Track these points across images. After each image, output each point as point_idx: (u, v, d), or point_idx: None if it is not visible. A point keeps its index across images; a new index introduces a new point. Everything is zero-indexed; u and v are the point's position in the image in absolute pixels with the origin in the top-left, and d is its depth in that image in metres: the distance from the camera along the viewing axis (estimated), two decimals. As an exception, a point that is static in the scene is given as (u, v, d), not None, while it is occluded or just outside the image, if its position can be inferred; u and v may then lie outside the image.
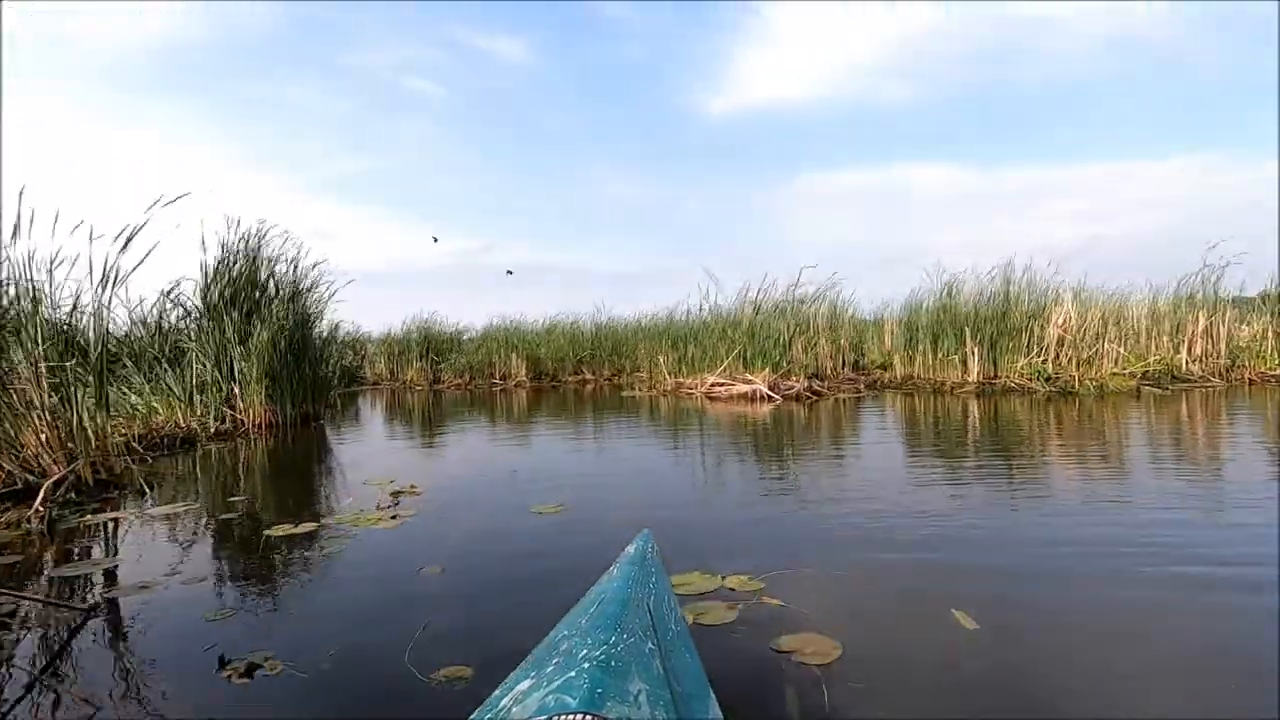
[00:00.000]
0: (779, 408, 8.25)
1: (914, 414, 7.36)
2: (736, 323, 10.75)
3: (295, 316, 7.82)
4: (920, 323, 10.62)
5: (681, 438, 6.15)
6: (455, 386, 14.41)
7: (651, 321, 15.64)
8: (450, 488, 3.90)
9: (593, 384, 14.43)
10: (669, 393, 10.64)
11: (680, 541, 2.59)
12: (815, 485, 3.80)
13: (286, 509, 3.45)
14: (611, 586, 1.20)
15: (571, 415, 8.41)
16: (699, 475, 4.32)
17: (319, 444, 6.38)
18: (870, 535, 2.75)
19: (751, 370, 9.77)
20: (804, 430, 6.34)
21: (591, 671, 0.83)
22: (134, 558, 2.67)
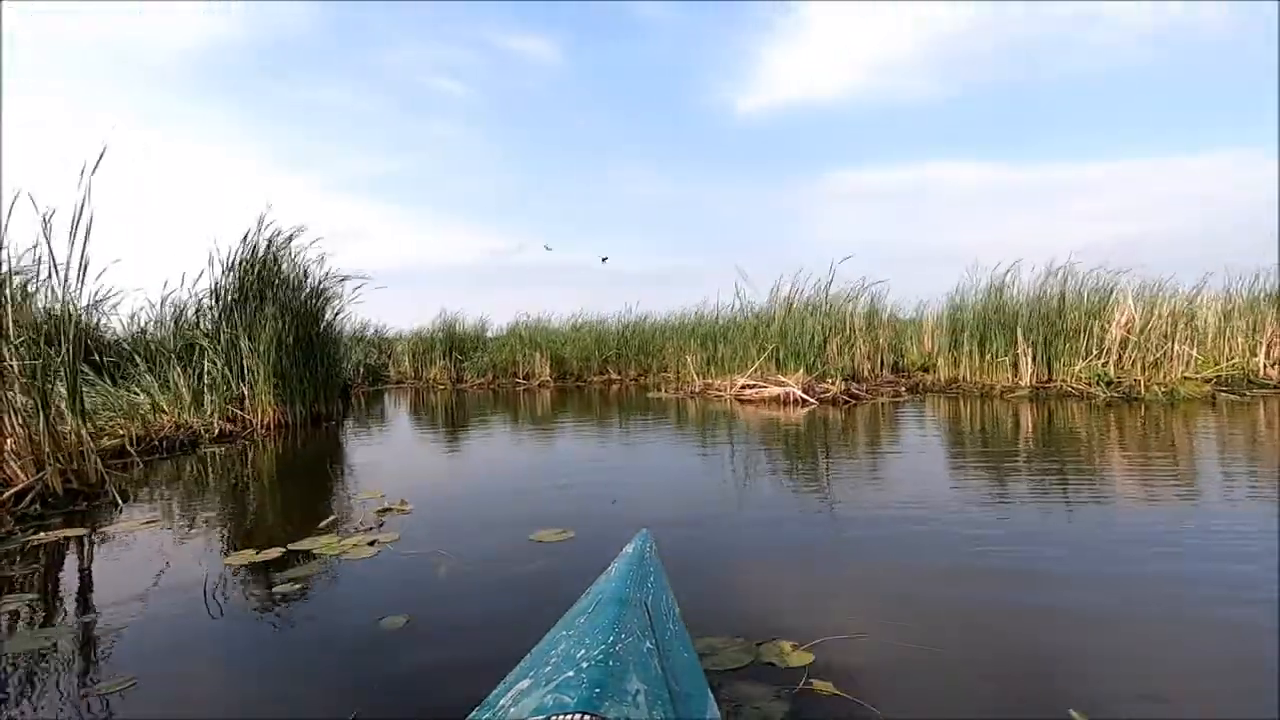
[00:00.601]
0: (814, 412, 7.70)
1: (964, 421, 6.75)
2: (768, 321, 10.20)
3: (307, 312, 7.53)
4: (966, 322, 9.93)
5: (710, 445, 5.66)
6: (478, 386, 14.10)
7: (679, 320, 15.18)
8: (445, 505, 3.47)
9: (618, 384, 13.99)
10: (697, 394, 10.14)
11: (709, 584, 2.12)
12: (862, 507, 3.28)
13: (258, 529, 3.06)
14: (609, 586, 1.18)
15: (595, 418, 7.98)
16: (728, 495, 3.83)
17: (325, 448, 6.03)
18: (935, 572, 2.24)
19: (784, 371, 9.22)
20: (843, 439, 5.80)
21: (590, 671, 0.83)
22: (50, 591, 2.29)
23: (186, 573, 2.40)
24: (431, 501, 3.53)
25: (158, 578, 2.36)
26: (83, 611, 2.07)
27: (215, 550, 2.66)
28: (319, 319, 7.86)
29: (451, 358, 14.97)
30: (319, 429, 7.09)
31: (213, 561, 2.51)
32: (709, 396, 9.79)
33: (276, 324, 6.97)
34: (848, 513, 3.19)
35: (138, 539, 2.88)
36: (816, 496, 3.62)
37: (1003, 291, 9.71)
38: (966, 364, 9.83)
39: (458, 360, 14.94)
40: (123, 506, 3.50)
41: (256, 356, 6.84)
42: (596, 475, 4.34)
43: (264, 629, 1.92)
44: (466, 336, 15.69)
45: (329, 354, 7.90)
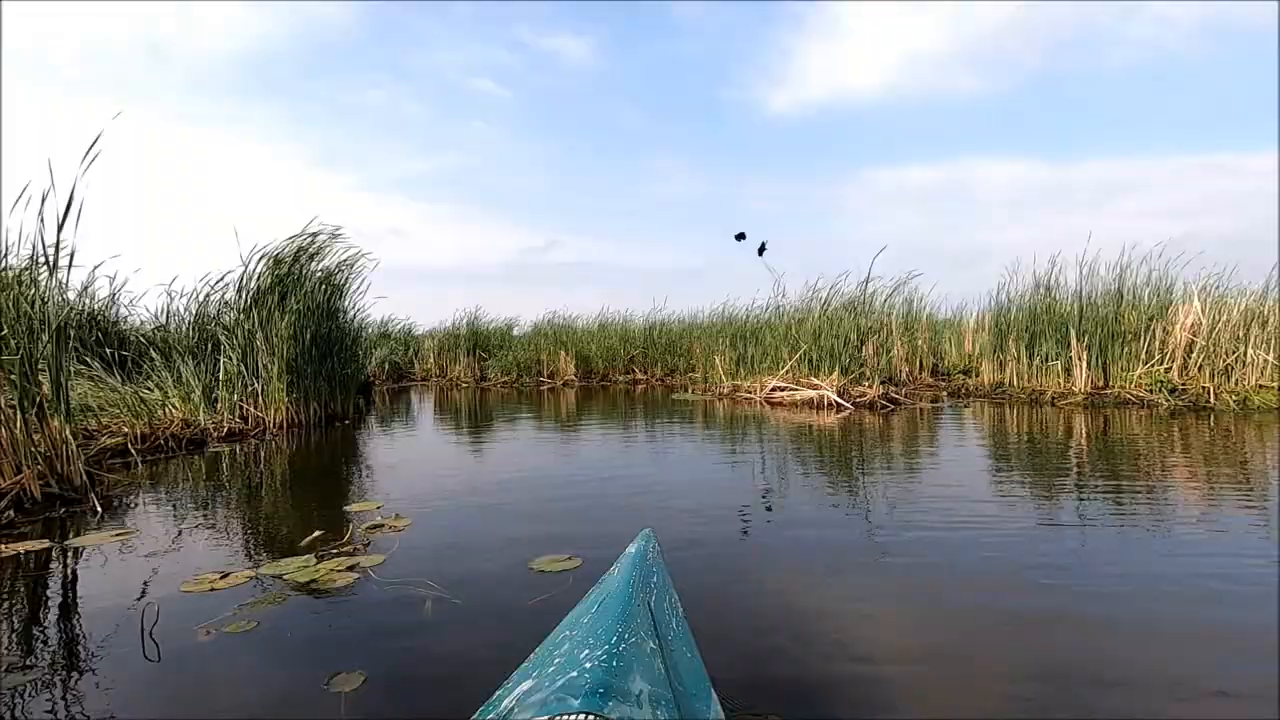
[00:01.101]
0: (849, 418, 7.24)
1: (1013, 430, 6.23)
2: (801, 321, 9.73)
3: (324, 308, 7.32)
4: (1013, 323, 9.33)
5: (738, 453, 5.27)
6: (501, 385, 13.87)
7: (708, 319, 14.78)
8: (445, 520, 3.14)
9: (644, 384, 13.64)
10: (725, 396, 9.73)
11: (741, 646, 1.75)
12: (904, 526, 2.87)
13: (232, 546, 2.76)
14: (613, 586, 1.17)
15: (618, 420, 7.63)
16: (758, 512, 3.44)
17: (335, 450, 5.79)
18: (987, 615, 1.83)
19: (818, 374, 8.75)
20: (882, 447, 5.35)
21: (593, 671, 0.83)
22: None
23: (128, 604, 2.10)
24: (431, 515, 3.21)
25: (96, 608, 2.07)
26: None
27: (176, 573, 2.36)
28: (337, 315, 7.65)
29: (475, 355, 14.76)
30: (333, 429, 6.86)
31: (167, 588, 2.21)
32: (737, 399, 9.37)
33: (293, 319, 6.76)
34: (887, 536, 2.78)
35: (100, 555, 2.61)
36: (854, 516, 3.21)
37: (1052, 290, 9.11)
38: (1013, 368, 9.24)
39: (481, 358, 14.73)
40: (102, 514, 3.25)
41: (270, 353, 6.64)
42: (614, 485, 3.98)
43: (183, 688, 1.59)
44: (491, 334, 15.49)
45: (346, 351, 7.69)
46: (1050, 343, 8.75)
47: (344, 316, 7.79)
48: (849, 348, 8.52)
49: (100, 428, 5.16)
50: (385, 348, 15.86)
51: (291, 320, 6.72)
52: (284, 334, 6.63)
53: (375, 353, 15.31)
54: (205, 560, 2.51)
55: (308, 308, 7.05)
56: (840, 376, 8.28)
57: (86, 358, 6.67)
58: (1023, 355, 9.09)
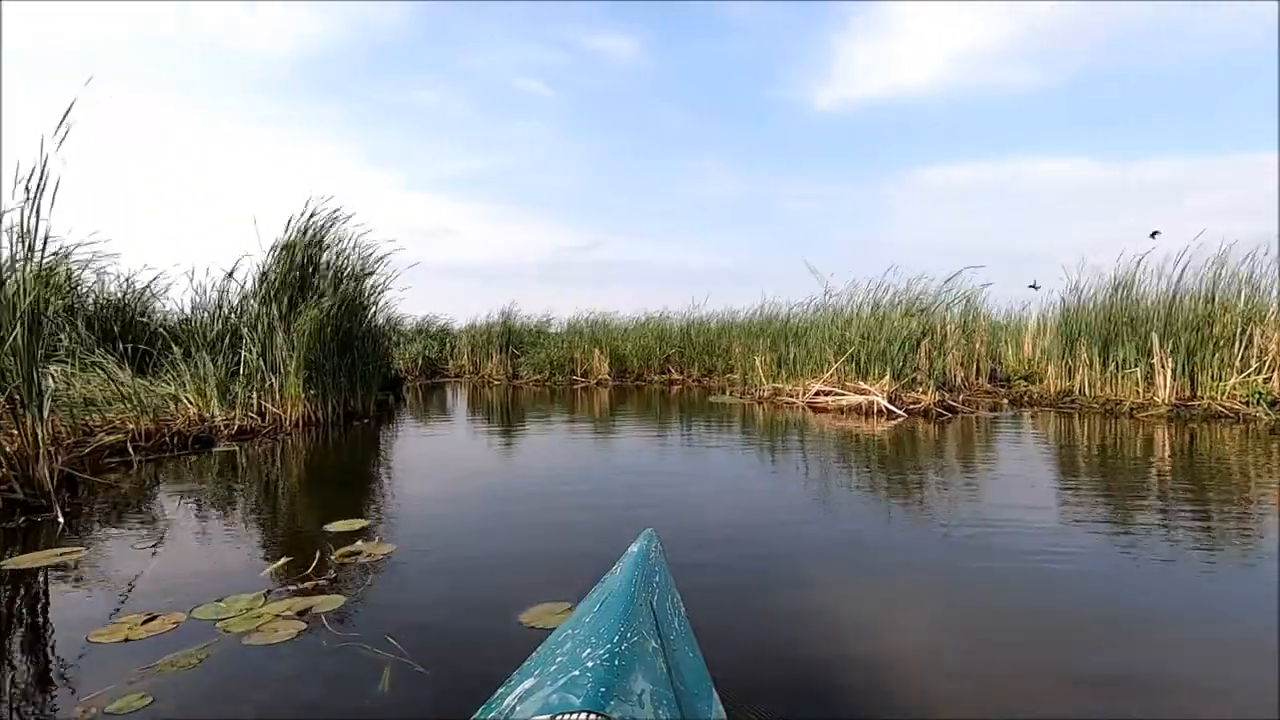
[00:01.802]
0: (901, 426, 6.60)
1: (1089, 444, 5.53)
2: (849, 320, 9.09)
3: (346, 303, 7.02)
4: (1086, 325, 8.51)
5: (780, 466, 4.74)
6: (534, 383, 13.53)
7: (747, 318, 14.18)
8: (436, 546, 2.70)
9: (680, 385, 13.12)
10: (765, 400, 9.15)
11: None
12: (974, 560, 2.32)
13: (182, 574, 2.35)
14: (615, 585, 1.16)
15: (652, 423, 7.15)
16: (800, 535, 2.92)
17: (345, 452, 5.45)
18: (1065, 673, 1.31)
19: (867, 378, 8.11)
20: (940, 462, 4.74)
21: (595, 670, 0.82)
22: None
23: (12, 658, 1.70)
24: (423, 538, 2.78)
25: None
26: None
27: (98, 612, 1.97)
28: (362, 310, 7.34)
29: (508, 352, 14.45)
30: (351, 428, 6.55)
31: (74, 635, 1.81)
32: (778, 403, 8.79)
33: (315, 313, 6.47)
34: (945, 567, 2.25)
35: (25, 584, 2.24)
36: (908, 542, 2.66)
37: (1131, 289, 8.26)
38: (1085, 374, 8.42)
39: (514, 355, 14.41)
40: (64, 526, 2.91)
41: (289, 347, 6.36)
42: (641, 500, 3.50)
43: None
44: (526, 331, 15.18)
45: (368, 347, 7.38)
46: (1127, 347, 7.92)
47: (366, 310, 7.48)
48: (902, 350, 7.84)
49: (103, 424, 4.92)
50: (420, 343, 15.71)
51: (313, 314, 6.42)
52: (302, 328, 6.33)
53: (410, 348, 15.17)
54: (142, 594, 2.11)
55: (334, 299, 6.76)
56: (891, 381, 7.63)
57: (104, 350, 6.50)
58: (1095, 361, 8.28)
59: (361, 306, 7.30)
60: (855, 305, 9.55)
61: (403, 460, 5.08)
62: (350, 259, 7.19)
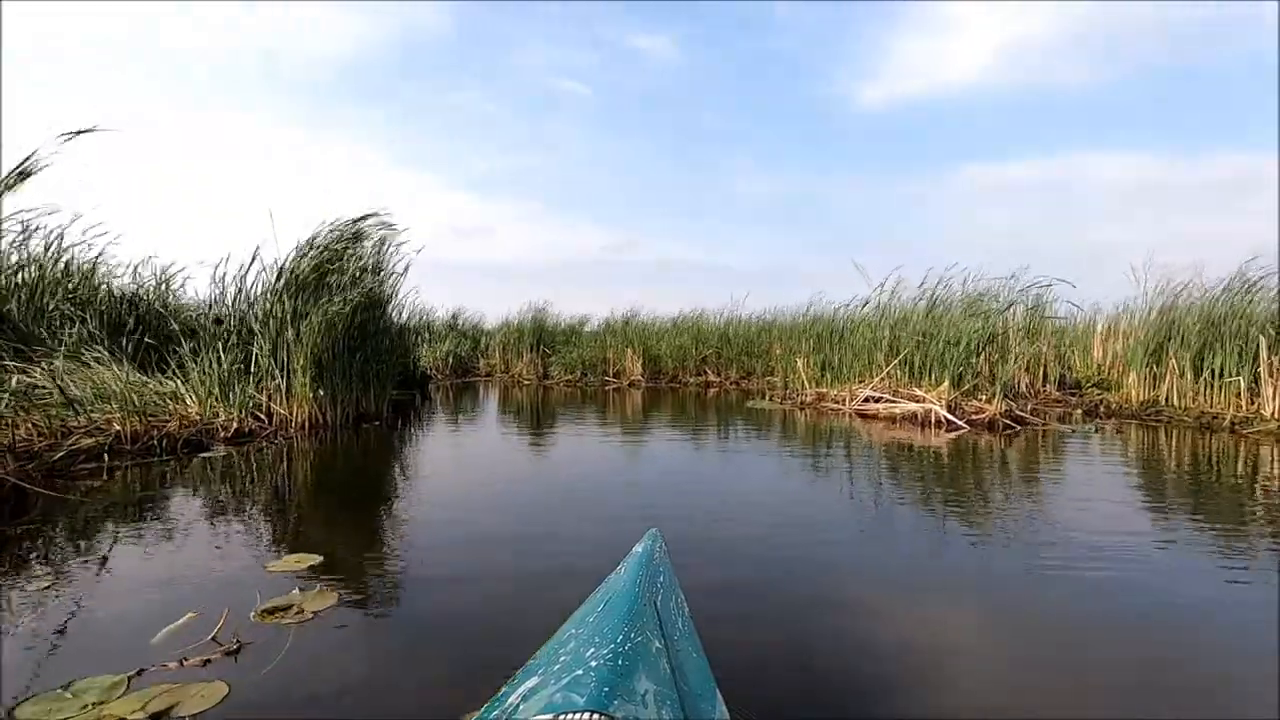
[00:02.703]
0: (962, 440, 5.86)
1: (1190, 466, 4.71)
2: (903, 320, 8.32)
3: (358, 299, 6.61)
4: (1180, 328, 7.56)
5: (825, 480, 4.09)
6: (565, 383, 13.05)
7: (789, 318, 13.44)
8: (381, 603, 2.15)
9: (717, 387, 12.47)
10: (808, 405, 8.45)
11: None
12: (1058, 629, 1.68)
13: (48, 640, 1.85)
14: (619, 585, 1.16)
15: (687, 429, 6.56)
16: (852, 578, 2.29)
17: (345, 459, 5.01)
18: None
19: (922, 384, 7.35)
20: (1014, 482, 4.03)
21: (599, 670, 0.82)
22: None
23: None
24: (382, 586, 2.26)
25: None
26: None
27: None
28: (376, 305, 6.93)
29: (539, 351, 14.01)
30: (359, 431, 6.13)
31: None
32: (822, 409, 8.08)
33: (328, 308, 6.07)
34: (1027, 628, 1.60)
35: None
36: (979, 586, 2.01)
37: (1242, 291, 7.29)
38: (1174, 383, 7.49)
39: (545, 354, 13.97)
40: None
41: (298, 344, 5.97)
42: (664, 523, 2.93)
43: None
44: (558, 330, 14.73)
45: (383, 344, 6.96)
46: (1226, 354, 6.98)
47: (382, 306, 7.06)
48: (963, 354, 7.05)
49: (87, 425, 4.57)
50: (451, 341, 15.41)
51: (326, 310, 6.03)
52: (314, 325, 5.93)
53: (441, 346, 14.89)
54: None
55: (347, 297, 6.37)
56: (950, 388, 6.86)
57: (112, 345, 6.24)
58: (1187, 368, 7.34)
59: (375, 302, 6.88)
60: (909, 304, 8.79)
61: (401, 471, 4.60)
62: (368, 255, 6.78)
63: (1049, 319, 9.15)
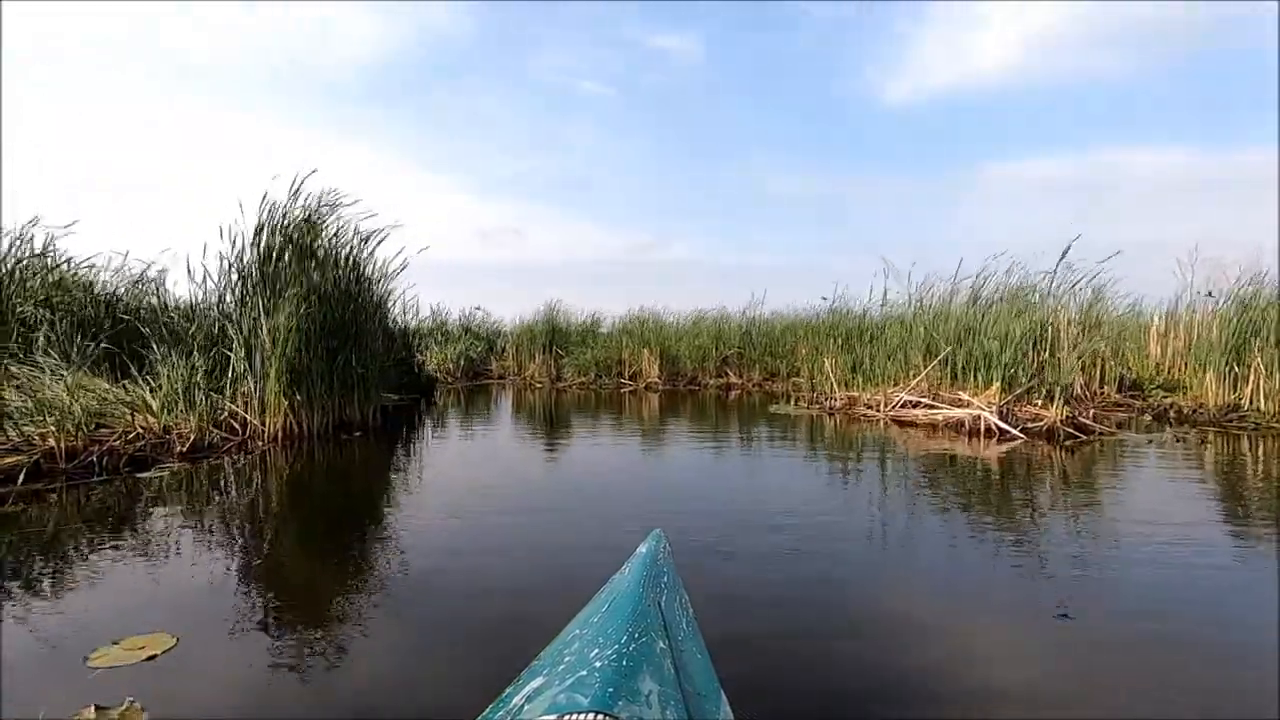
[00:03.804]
0: (1018, 451, 5.08)
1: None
2: (943, 317, 7.53)
3: (341, 295, 6.05)
4: (1264, 323, 6.66)
5: (861, 500, 3.38)
6: (578, 385, 12.42)
7: (815, 317, 12.65)
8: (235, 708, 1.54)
9: (738, 389, 11.73)
10: (837, 411, 7.69)
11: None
12: None
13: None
14: (623, 586, 1.15)
15: (706, 437, 5.88)
16: (899, 626, 1.60)
17: (305, 480, 4.42)
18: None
19: (967, 386, 6.56)
20: (1096, 510, 3.28)
21: (603, 671, 0.83)
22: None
23: None
24: (227, 693, 1.63)
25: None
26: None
27: None
28: (358, 300, 6.36)
29: (552, 353, 13.40)
30: (337, 443, 5.54)
31: None
32: (854, 415, 7.32)
33: (298, 306, 5.51)
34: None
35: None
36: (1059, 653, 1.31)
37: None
38: (1258, 385, 6.59)
39: (558, 356, 13.35)
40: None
41: (271, 346, 5.42)
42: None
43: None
44: (572, 330, 14.10)
45: (369, 345, 6.38)
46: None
47: (364, 302, 6.47)
48: (1015, 352, 6.24)
49: (17, 440, 4.05)
50: (463, 342, 14.89)
51: (295, 307, 5.47)
52: (285, 323, 5.38)
53: (453, 347, 14.37)
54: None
55: (324, 293, 5.81)
56: (1002, 391, 6.06)
57: (82, 349, 5.76)
58: (1275, 368, 6.44)
59: (351, 296, 6.28)
60: (945, 298, 8.00)
61: (363, 500, 4.00)
62: (344, 243, 6.20)
63: (1108, 312, 8.26)
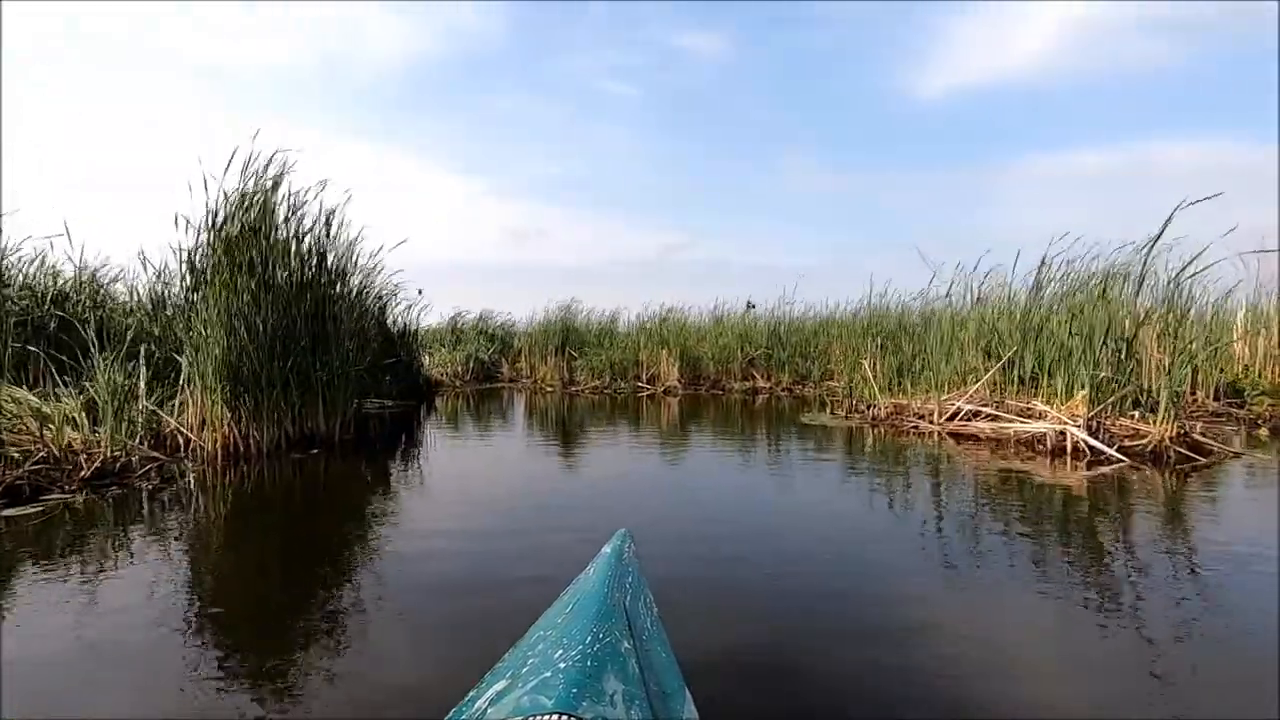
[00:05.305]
0: (1117, 478, 4.03)
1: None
2: (1001, 312, 6.45)
3: (301, 286, 5.20)
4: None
5: (924, 547, 2.40)
6: (591, 390, 11.51)
7: (851, 315, 11.59)
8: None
9: (765, 393, 10.72)
10: (880, 421, 6.64)
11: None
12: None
13: None
14: (588, 586, 1.14)
15: (731, 453, 4.93)
16: None
17: (240, 508, 3.56)
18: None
19: (1040, 393, 5.49)
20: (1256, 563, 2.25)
21: (567, 672, 0.83)
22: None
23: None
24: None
25: None
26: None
27: None
28: (326, 298, 5.51)
29: (564, 354, 12.51)
30: (292, 463, 4.69)
31: None
32: (901, 426, 6.26)
33: (236, 299, 4.68)
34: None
35: None
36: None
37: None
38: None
39: (571, 358, 12.46)
40: None
41: (203, 346, 4.60)
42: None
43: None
44: (587, 330, 13.20)
45: (336, 344, 5.52)
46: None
47: (331, 295, 5.61)
48: (1106, 351, 5.13)
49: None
50: (473, 343, 14.10)
51: (230, 300, 4.63)
52: (218, 318, 4.55)
53: (462, 350, 13.58)
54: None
55: (278, 285, 4.97)
56: (1090, 402, 4.96)
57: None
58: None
59: (322, 288, 5.43)
60: (1007, 290, 6.91)
61: (310, 540, 3.12)
62: (305, 228, 5.35)
63: (1197, 306, 7.08)
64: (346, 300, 5.80)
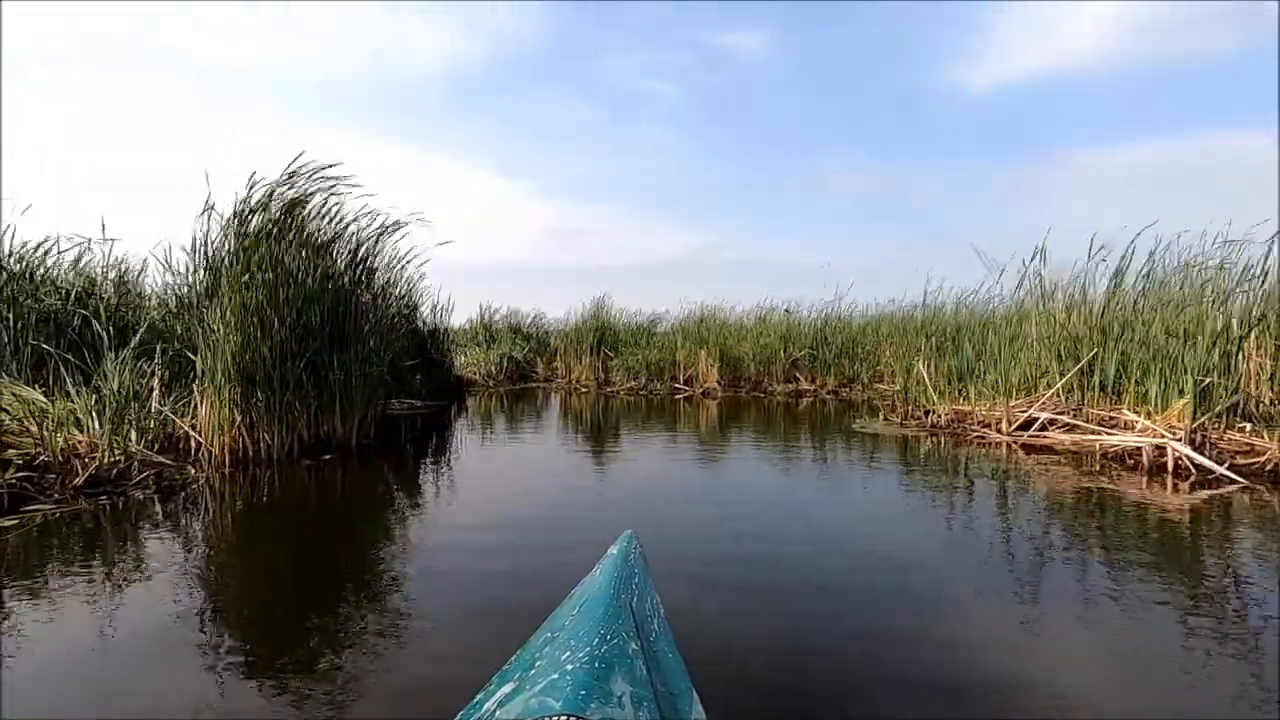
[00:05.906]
0: (1232, 502, 3.43)
1: None
2: (1079, 307, 5.81)
3: (315, 286, 4.92)
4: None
5: (1017, 592, 1.91)
6: (626, 391, 11.11)
7: (902, 313, 10.95)
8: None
9: (810, 396, 10.16)
10: (940, 429, 6.06)
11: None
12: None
13: None
14: (595, 588, 1.13)
15: (775, 464, 4.47)
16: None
17: (228, 526, 3.26)
18: None
19: (1129, 402, 4.86)
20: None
21: (575, 674, 0.81)
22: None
23: None
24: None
25: None
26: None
27: None
28: (352, 296, 5.23)
29: (600, 354, 12.14)
30: (307, 470, 4.40)
31: None
32: (964, 436, 5.68)
33: (255, 295, 4.43)
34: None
35: None
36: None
37: None
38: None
39: (606, 357, 12.08)
40: None
41: (215, 344, 4.34)
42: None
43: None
44: (626, 329, 12.81)
45: (357, 346, 5.23)
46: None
47: (357, 294, 5.34)
48: (1212, 354, 4.47)
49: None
50: (507, 343, 13.86)
51: (248, 296, 4.37)
52: (231, 316, 4.28)
53: (496, 348, 13.35)
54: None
55: (289, 280, 4.70)
56: (1193, 414, 4.32)
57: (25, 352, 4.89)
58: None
59: (347, 287, 5.16)
60: (1081, 284, 6.24)
61: (337, 541, 2.80)
62: (335, 228, 5.08)
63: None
64: (373, 299, 5.51)
